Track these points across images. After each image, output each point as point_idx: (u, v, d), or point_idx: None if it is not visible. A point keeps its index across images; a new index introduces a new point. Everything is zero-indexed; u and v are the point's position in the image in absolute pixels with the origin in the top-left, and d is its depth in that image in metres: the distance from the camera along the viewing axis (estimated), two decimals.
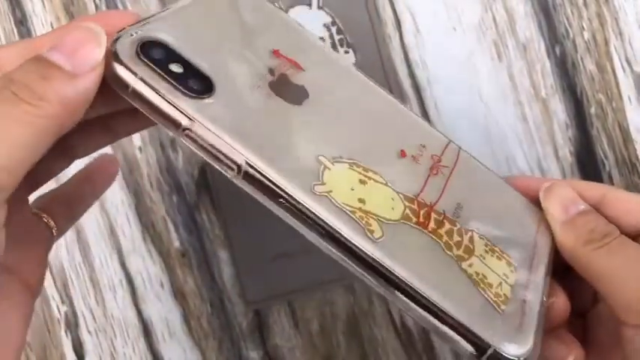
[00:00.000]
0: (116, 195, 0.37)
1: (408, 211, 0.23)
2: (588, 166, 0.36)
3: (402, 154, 0.25)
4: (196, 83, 0.21)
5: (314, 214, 0.21)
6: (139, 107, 0.20)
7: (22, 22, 0.37)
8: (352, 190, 0.22)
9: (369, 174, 0.23)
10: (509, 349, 0.21)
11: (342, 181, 0.22)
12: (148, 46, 0.20)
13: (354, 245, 0.21)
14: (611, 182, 0.36)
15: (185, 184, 0.37)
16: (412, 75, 0.36)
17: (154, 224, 0.37)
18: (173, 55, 0.21)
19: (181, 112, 0.20)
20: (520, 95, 0.36)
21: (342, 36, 0.36)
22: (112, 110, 0.23)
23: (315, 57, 0.26)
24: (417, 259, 0.22)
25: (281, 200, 0.21)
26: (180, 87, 0.20)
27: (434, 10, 0.36)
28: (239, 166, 0.20)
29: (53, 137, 0.19)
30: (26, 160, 0.18)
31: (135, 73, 0.19)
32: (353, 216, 0.21)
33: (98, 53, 0.19)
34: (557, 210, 0.26)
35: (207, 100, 0.20)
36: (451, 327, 0.21)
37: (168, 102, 0.20)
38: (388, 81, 0.36)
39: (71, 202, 0.27)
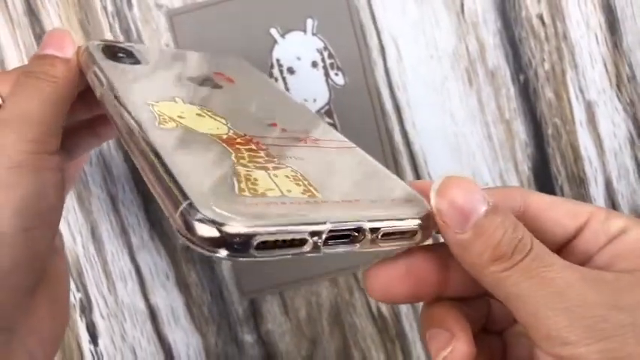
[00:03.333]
0: (127, 197, 0.41)
1: (225, 135, 0.24)
2: (543, 179, 0.41)
3: (273, 125, 0.27)
4: (126, 59, 0.30)
5: (132, 121, 0.24)
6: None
7: (40, 37, 0.40)
8: (181, 112, 0.26)
9: (215, 117, 0.26)
10: (205, 208, 0.18)
11: (177, 108, 0.26)
12: (108, 45, 0.30)
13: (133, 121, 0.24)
14: (562, 194, 0.41)
15: None
16: (394, 97, 0.41)
17: (161, 223, 0.41)
18: (122, 50, 0.30)
19: (96, 67, 0.28)
20: (487, 117, 0.41)
21: (332, 60, 0.40)
22: (90, 115, 0.32)
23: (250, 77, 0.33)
24: (184, 142, 0.23)
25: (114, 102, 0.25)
26: (109, 57, 0.29)
27: (414, 39, 0.40)
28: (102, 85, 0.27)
29: (68, 102, 0.29)
30: (58, 120, 0.28)
31: (94, 61, 0.28)
32: (154, 114, 0.24)
33: (74, 43, 0.30)
34: (452, 216, 0.21)
35: (120, 64, 0.29)
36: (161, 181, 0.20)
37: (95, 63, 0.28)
38: (372, 101, 0.40)
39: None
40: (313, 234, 0.20)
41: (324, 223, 0.20)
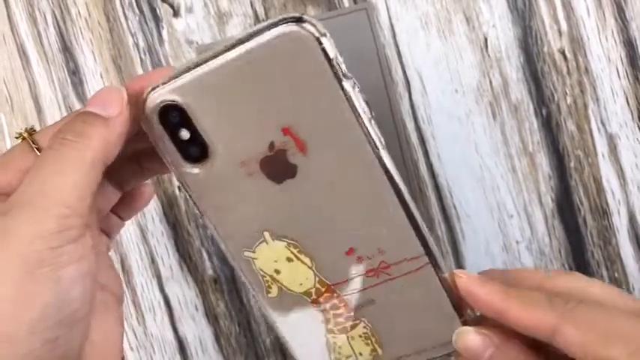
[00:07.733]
0: (157, 228, 0.41)
1: (313, 289, 0.28)
2: (567, 211, 0.42)
3: (350, 252, 0.26)
4: (194, 151, 0.25)
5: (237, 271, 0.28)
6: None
7: (74, 73, 0.41)
8: (275, 262, 0.27)
9: (302, 257, 0.27)
10: None
11: (271, 254, 0.27)
12: (167, 108, 0.24)
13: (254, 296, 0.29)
14: (586, 226, 0.42)
15: None
16: (419, 129, 0.42)
17: (190, 254, 0.42)
18: (185, 121, 0.24)
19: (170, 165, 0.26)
20: (511, 149, 0.42)
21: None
22: (143, 146, 0.27)
23: (335, 138, 0.24)
24: (290, 313, 0.29)
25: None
26: (179, 152, 0.25)
27: (439, 73, 0.41)
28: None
29: (101, 165, 0.23)
30: (86, 189, 0.22)
31: (152, 130, 0.25)
32: (261, 278, 0.28)
33: (122, 103, 0.24)
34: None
35: (194, 170, 0.25)
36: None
37: (167, 162, 0.26)
38: (398, 134, 0.41)
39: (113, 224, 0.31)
40: None
41: None
